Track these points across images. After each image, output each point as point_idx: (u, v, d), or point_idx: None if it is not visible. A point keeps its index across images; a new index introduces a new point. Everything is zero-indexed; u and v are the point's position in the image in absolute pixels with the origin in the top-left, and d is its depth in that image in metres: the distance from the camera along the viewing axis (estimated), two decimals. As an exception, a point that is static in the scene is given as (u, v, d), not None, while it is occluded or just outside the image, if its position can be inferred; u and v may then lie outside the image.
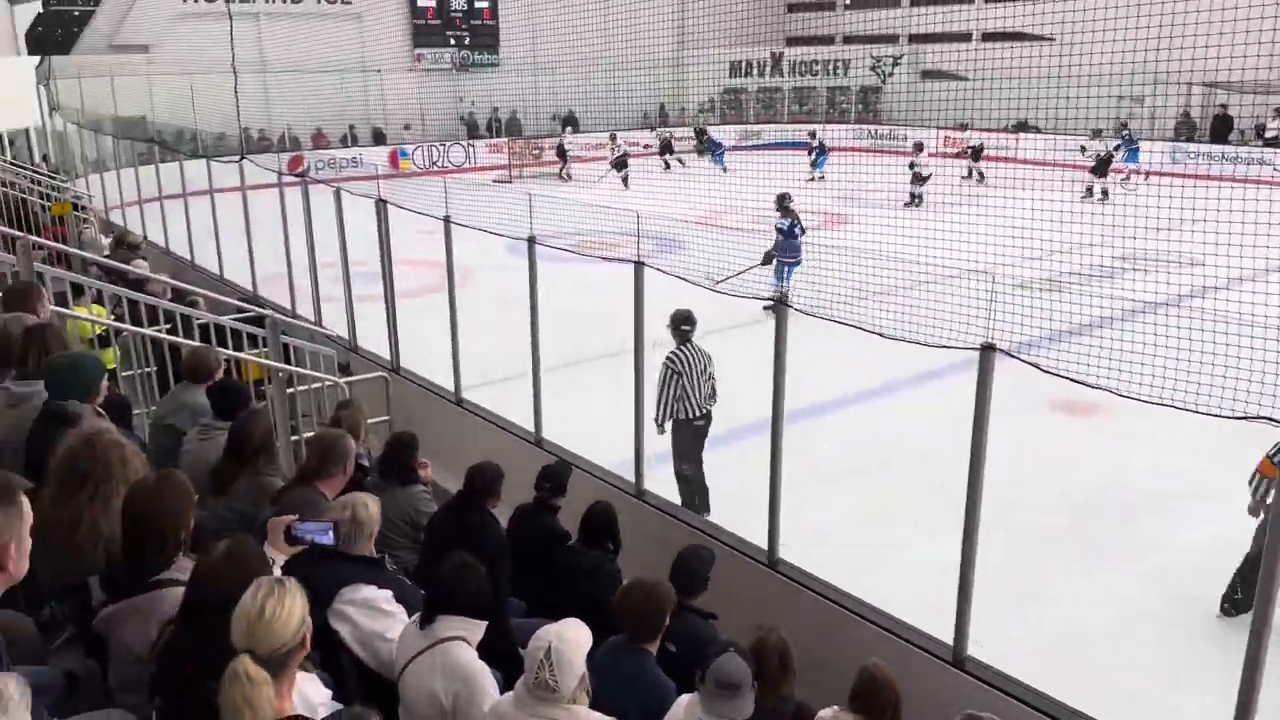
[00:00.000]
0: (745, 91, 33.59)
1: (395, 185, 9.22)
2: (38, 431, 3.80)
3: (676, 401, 7.11)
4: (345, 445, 4.26)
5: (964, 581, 4.60)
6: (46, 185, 13.40)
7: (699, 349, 7.18)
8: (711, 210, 12.17)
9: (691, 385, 7.09)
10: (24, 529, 2.01)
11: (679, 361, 7.11)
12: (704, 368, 7.16)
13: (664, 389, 7.10)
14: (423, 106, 28.30)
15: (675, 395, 7.09)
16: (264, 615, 2.30)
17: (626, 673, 3.66)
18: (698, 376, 7.11)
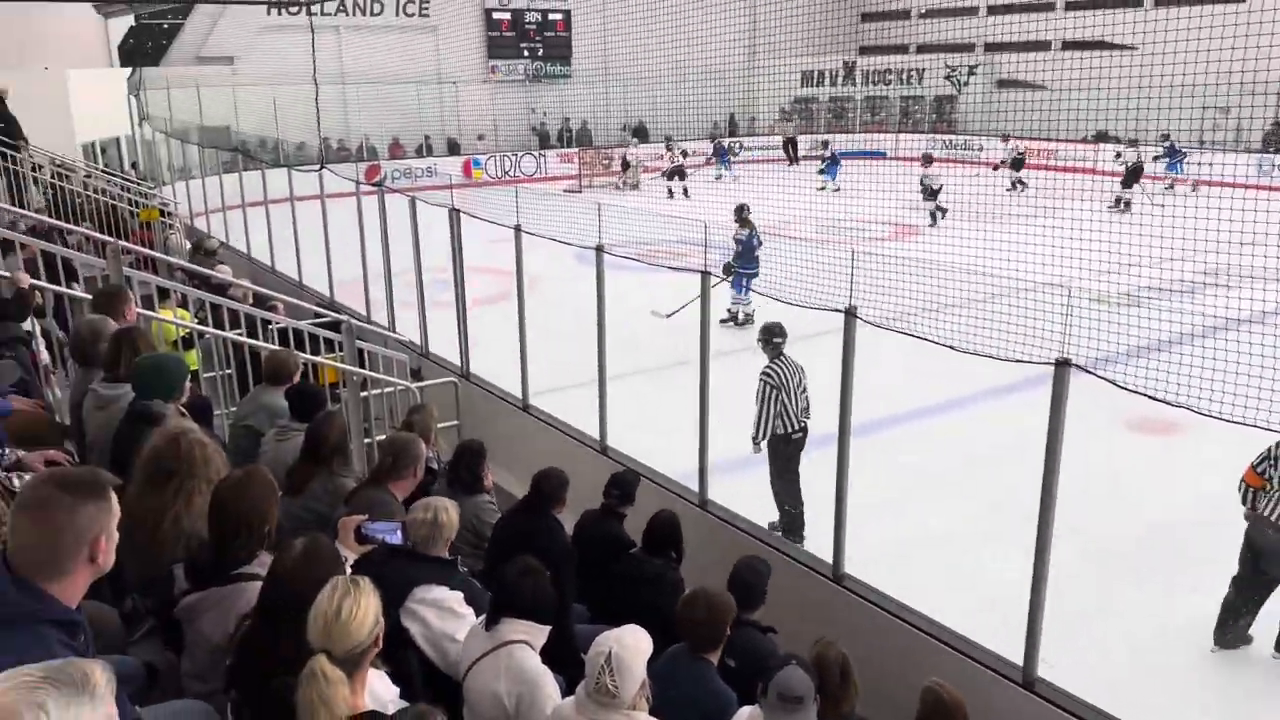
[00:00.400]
0: (816, 101, 33.38)
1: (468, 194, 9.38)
2: (124, 430, 3.96)
3: (776, 418, 6.92)
4: (417, 449, 4.35)
5: (1035, 601, 4.50)
6: (135, 192, 13.93)
7: (793, 361, 7.03)
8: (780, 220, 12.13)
9: (789, 398, 6.91)
10: (113, 524, 2.09)
11: (777, 375, 6.93)
12: (799, 380, 6.99)
13: (763, 404, 6.90)
14: (496, 117, 28.73)
15: (775, 410, 6.91)
16: (340, 616, 2.37)
17: (687, 682, 3.66)
18: (795, 390, 6.93)
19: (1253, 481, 5.62)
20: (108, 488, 2.10)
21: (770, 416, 6.91)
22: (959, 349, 4.92)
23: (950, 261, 6.69)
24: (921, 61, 32.03)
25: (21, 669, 1.51)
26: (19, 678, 1.48)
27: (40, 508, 1.99)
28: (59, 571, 2.00)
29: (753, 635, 4.24)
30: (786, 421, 6.91)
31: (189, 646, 3.07)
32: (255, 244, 14.05)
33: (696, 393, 6.38)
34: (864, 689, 3.73)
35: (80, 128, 17.71)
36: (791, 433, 6.93)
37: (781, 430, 6.93)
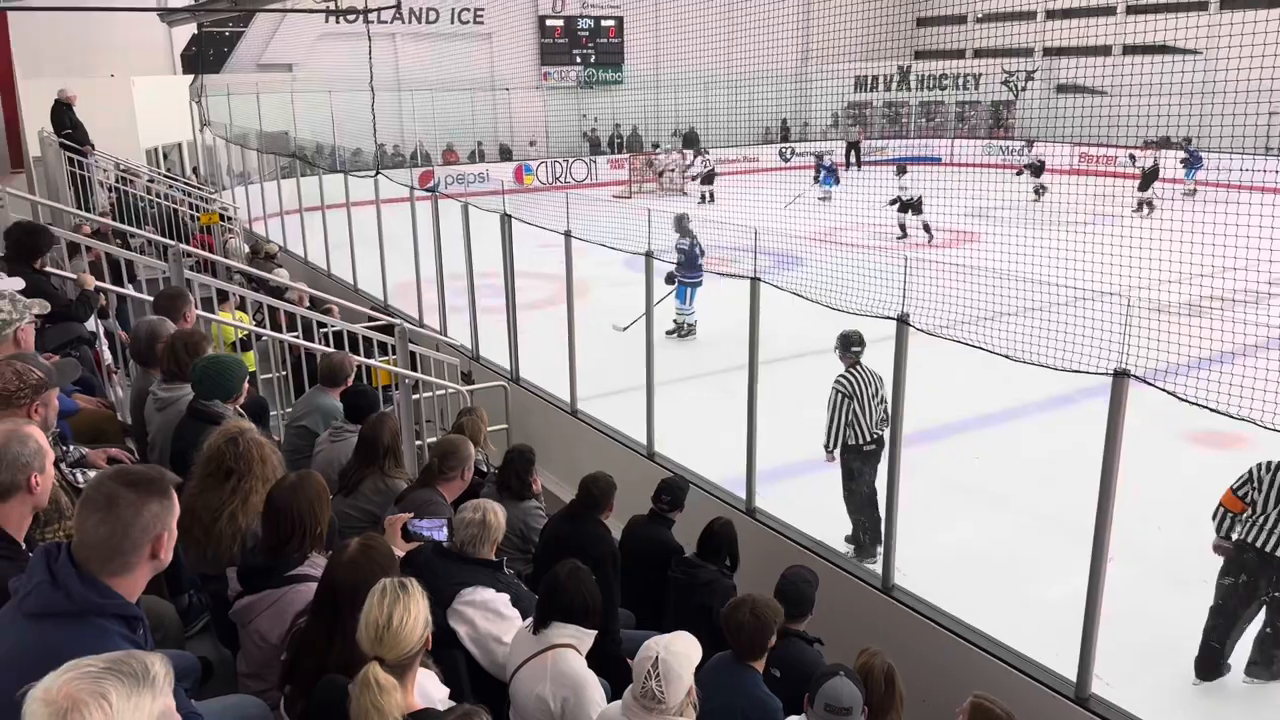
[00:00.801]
0: (870, 106, 33.11)
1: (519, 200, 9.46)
2: (184, 429, 4.06)
3: (848, 427, 6.77)
4: (466, 451, 4.39)
5: (1090, 616, 4.42)
6: (196, 197, 14.25)
7: (870, 370, 6.80)
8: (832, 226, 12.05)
9: (862, 408, 6.72)
10: (174, 521, 2.15)
11: (849, 384, 6.76)
12: (875, 390, 6.77)
13: (834, 413, 6.76)
14: (548, 123, 28.93)
15: (847, 420, 6.76)
16: (391, 624, 2.39)
17: (732, 688, 3.65)
18: (869, 399, 6.73)
19: (1232, 506, 5.25)
20: (170, 486, 2.16)
21: (841, 425, 6.75)
22: (1014, 358, 4.85)
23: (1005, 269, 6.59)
24: (978, 66, 31.60)
25: (84, 660, 1.55)
26: (82, 668, 1.53)
27: (107, 505, 2.04)
28: (123, 567, 2.06)
29: (799, 646, 4.21)
30: (858, 432, 6.74)
31: (244, 646, 3.14)
32: (311, 248, 14.30)
33: (744, 399, 6.37)
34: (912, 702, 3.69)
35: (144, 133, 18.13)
36: (863, 444, 6.75)
37: (853, 441, 6.77)
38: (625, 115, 30.02)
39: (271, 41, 25.61)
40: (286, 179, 16.01)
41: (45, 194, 12.12)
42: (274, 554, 3.09)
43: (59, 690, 1.49)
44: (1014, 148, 28.12)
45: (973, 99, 31.84)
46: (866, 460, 6.78)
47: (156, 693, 1.55)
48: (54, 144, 12.53)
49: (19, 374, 3.09)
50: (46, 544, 2.11)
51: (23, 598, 1.99)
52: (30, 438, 2.49)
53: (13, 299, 3.95)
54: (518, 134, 28.97)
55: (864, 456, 6.77)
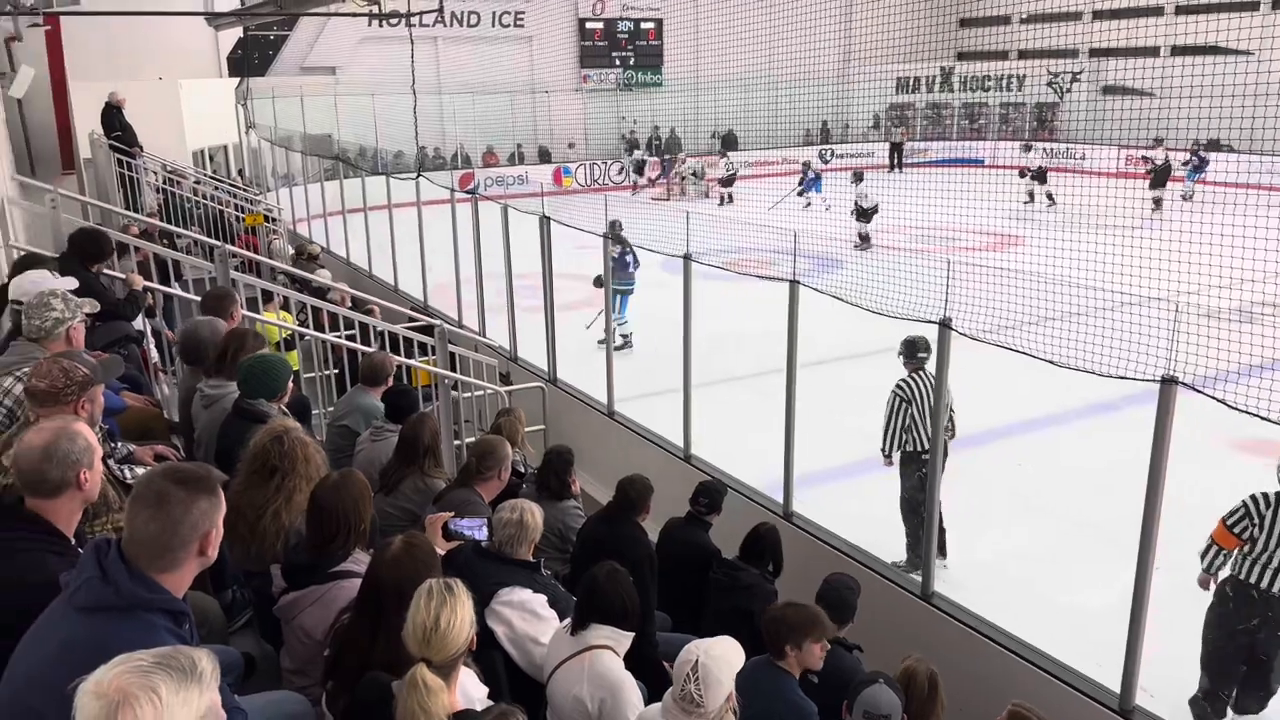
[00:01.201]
0: (912, 108, 32.83)
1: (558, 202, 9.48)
2: (229, 426, 4.13)
3: (905, 432, 6.64)
4: (503, 451, 4.42)
5: (1134, 626, 4.35)
6: (241, 198, 14.46)
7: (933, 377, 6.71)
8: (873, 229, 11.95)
9: (921, 415, 6.59)
10: (221, 518, 2.18)
11: (908, 389, 6.65)
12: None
13: (891, 418, 6.64)
14: (586, 125, 29.01)
15: (904, 425, 6.64)
16: (439, 626, 2.42)
17: (767, 692, 3.63)
18: (929, 406, 6.50)
19: (1225, 543, 4.88)
20: (218, 484, 2.19)
21: (898, 430, 6.63)
22: (1059, 364, 4.78)
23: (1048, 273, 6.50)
24: (1022, 68, 31.21)
25: (133, 654, 1.58)
26: (132, 662, 1.56)
27: (157, 503, 2.08)
28: (171, 563, 2.09)
29: (837, 653, 4.18)
30: (916, 438, 6.60)
31: (288, 643, 3.18)
32: (353, 249, 14.46)
33: (783, 402, 6.34)
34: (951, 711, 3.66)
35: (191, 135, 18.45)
36: (922, 451, 6.58)
37: (912, 447, 6.63)
38: (664, 117, 30.02)
39: (315, 45, 25.94)
40: (330, 181, 16.22)
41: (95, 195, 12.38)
42: (319, 551, 3.13)
43: (110, 683, 1.51)
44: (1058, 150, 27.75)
45: (1016, 101, 31.44)
46: (922, 467, 6.57)
47: (204, 687, 1.58)
48: (104, 146, 12.80)
49: (65, 371, 3.15)
50: (97, 539, 2.14)
51: (73, 592, 2.03)
52: (79, 435, 2.53)
53: (65, 298, 4.03)
54: (557, 136, 29.09)
55: (922, 464, 6.59)
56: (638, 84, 30.76)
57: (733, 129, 29.51)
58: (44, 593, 2.14)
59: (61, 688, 1.81)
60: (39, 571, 2.35)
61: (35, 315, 3.91)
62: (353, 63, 25.59)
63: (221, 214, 13.12)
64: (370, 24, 21.78)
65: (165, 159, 14.16)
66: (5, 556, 2.45)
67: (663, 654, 4.12)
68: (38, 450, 2.46)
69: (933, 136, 31.27)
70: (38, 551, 2.44)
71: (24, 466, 2.49)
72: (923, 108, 32.75)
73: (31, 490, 2.49)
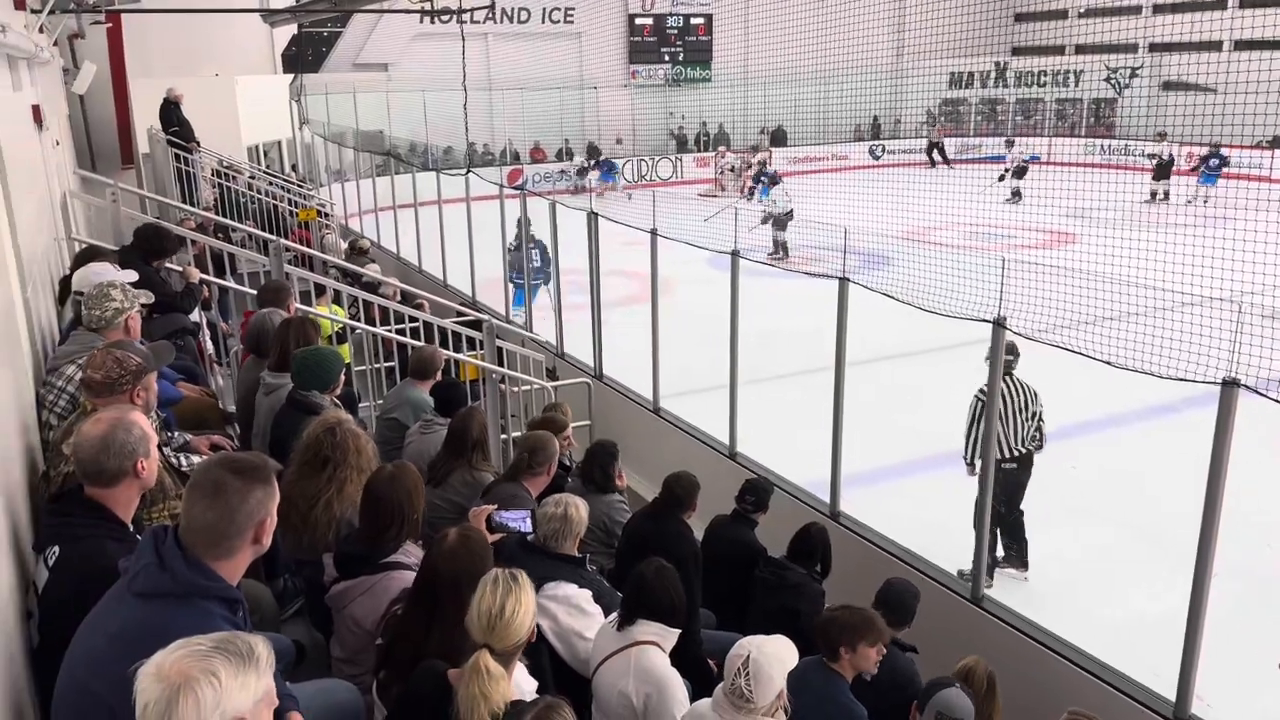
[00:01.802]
0: (965, 103, 32.36)
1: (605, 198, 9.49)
2: (283, 417, 4.19)
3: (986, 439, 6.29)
4: (553, 447, 4.44)
5: (1191, 632, 4.25)
6: (295, 193, 14.68)
7: (1020, 383, 6.45)
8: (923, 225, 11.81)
9: (1005, 423, 6.31)
10: (275, 507, 2.22)
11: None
12: (1024, 404, 6.39)
13: (973, 424, 6.36)
14: (635, 121, 29.02)
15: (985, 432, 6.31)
16: (504, 614, 2.46)
17: (818, 693, 3.61)
18: (1016, 413, 6.35)
19: None
20: (272, 473, 2.22)
21: (979, 437, 6.30)
22: (1116, 365, 4.68)
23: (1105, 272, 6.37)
24: (1079, 63, 30.59)
25: (191, 639, 1.61)
26: (192, 647, 1.59)
27: (214, 492, 2.11)
28: (227, 551, 2.13)
29: (894, 654, 4.19)
30: (999, 446, 6.29)
31: (339, 631, 3.23)
32: (404, 244, 14.61)
33: (830, 401, 6.28)
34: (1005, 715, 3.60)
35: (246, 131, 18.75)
36: (1003, 459, 6.34)
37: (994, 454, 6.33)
38: (713, 113, 29.92)
39: (368, 41, 26.26)
40: (381, 177, 16.40)
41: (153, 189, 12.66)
42: (372, 542, 3.17)
43: (171, 667, 1.54)
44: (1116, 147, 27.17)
45: (1072, 96, 30.84)
46: (1006, 478, 6.38)
47: (260, 672, 1.61)
48: (162, 141, 13.07)
49: (119, 361, 3.21)
50: (155, 527, 2.18)
51: (132, 578, 2.07)
52: (135, 425, 2.58)
53: (124, 289, 4.13)
54: (605, 132, 29.14)
55: (1004, 473, 6.36)
56: (686, 79, 30.69)
57: (782, 124, 29.33)
58: (103, 577, 2.19)
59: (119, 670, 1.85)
60: (98, 557, 2.40)
61: (95, 306, 4.00)
62: (405, 59, 25.88)
63: (276, 209, 13.32)
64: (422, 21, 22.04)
65: (221, 154, 14.42)
66: (66, 542, 2.52)
67: (707, 651, 4.11)
68: (95, 441, 2.51)
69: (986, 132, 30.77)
70: (97, 538, 2.50)
71: (83, 457, 2.55)
72: (976, 103, 32.25)
73: (90, 479, 2.55)
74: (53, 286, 6.00)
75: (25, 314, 4.39)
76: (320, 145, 19.56)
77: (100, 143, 12.74)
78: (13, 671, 2.39)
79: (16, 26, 4.43)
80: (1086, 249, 8.00)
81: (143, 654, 1.62)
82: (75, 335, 4.12)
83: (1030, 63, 31.56)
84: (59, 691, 2.08)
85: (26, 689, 2.49)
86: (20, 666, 2.48)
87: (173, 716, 1.51)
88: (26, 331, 4.33)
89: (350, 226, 16.18)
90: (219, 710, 1.54)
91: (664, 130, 30.18)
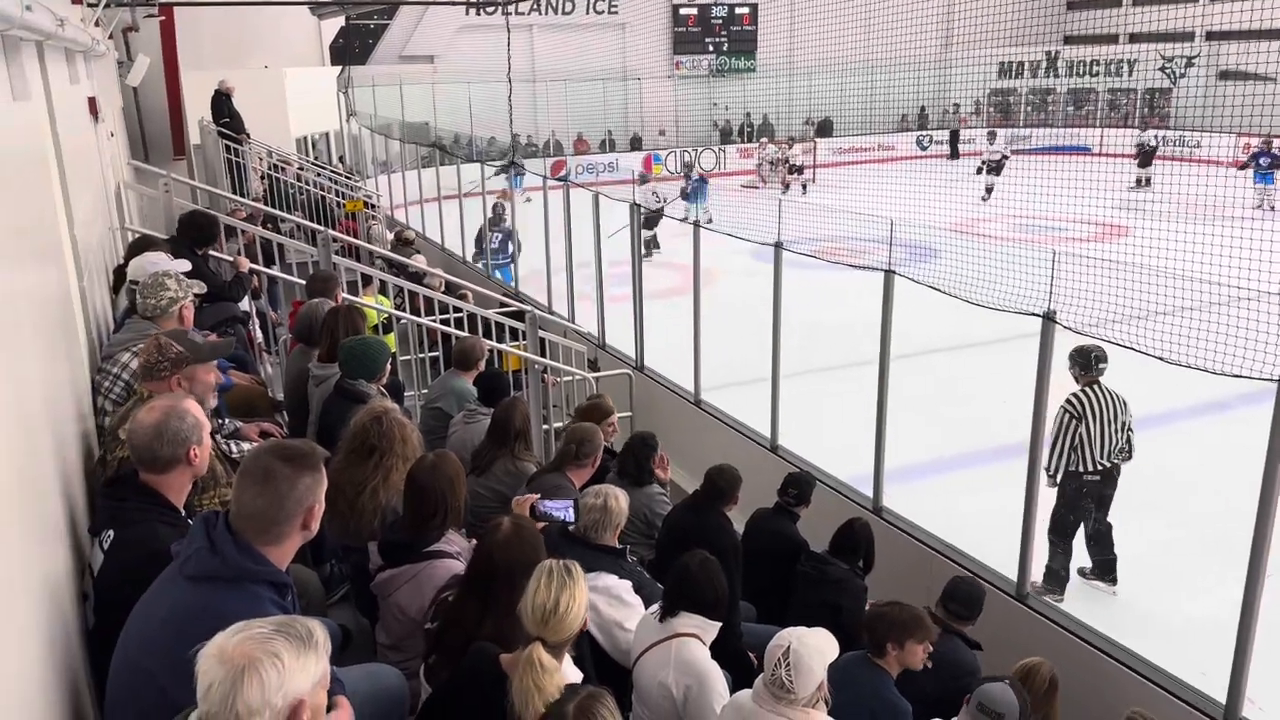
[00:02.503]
0: (1014, 93, 31.82)
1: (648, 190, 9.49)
2: (330, 405, 4.26)
3: (1072, 451, 6.12)
4: (599, 439, 4.46)
5: (1243, 633, 4.16)
6: (342, 184, 14.85)
7: (1110, 392, 6.16)
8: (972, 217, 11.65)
9: (1090, 433, 6.06)
10: (323, 494, 2.25)
11: (1080, 404, 6.08)
12: (1114, 415, 6.08)
13: (1060, 435, 6.07)
14: (678, 112, 28.94)
15: (1072, 444, 6.11)
16: (558, 608, 2.48)
17: (863, 688, 3.61)
18: (1105, 424, 6.06)
19: None
20: (321, 461, 2.26)
21: (1065, 448, 6.09)
22: (1169, 360, 4.58)
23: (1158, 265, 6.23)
24: (1133, 52, 29.92)
25: (251, 622, 1.65)
26: (253, 629, 1.62)
27: (264, 479, 2.15)
28: (276, 537, 2.17)
29: (958, 646, 4.23)
30: (1083, 457, 6.08)
31: (384, 619, 3.28)
32: (448, 235, 14.72)
33: (874, 394, 6.23)
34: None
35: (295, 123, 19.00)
36: (1086, 472, 6.10)
37: (1074, 466, 6.12)
38: (757, 104, 29.73)
39: (414, 34, 26.46)
40: (426, 168, 16.53)
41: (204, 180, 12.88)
42: (416, 530, 3.21)
43: (234, 649, 1.58)
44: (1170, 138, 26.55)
45: (1126, 86, 30.18)
46: (1089, 491, 6.17)
47: (319, 656, 1.64)
48: (213, 132, 13.29)
49: (160, 348, 3.27)
50: (206, 512, 2.23)
51: (183, 561, 2.11)
52: (188, 413, 2.64)
53: (178, 279, 4.19)
54: (648, 123, 29.09)
55: (1086, 486, 6.15)
56: (730, 70, 30.51)
57: (829, 115, 29.06)
58: (155, 560, 2.24)
59: (171, 651, 1.90)
60: (151, 541, 2.46)
61: (150, 295, 4.07)
62: (450, 51, 26.03)
63: (323, 199, 13.49)
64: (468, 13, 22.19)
65: (270, 145, 14.61)
66: (121, 526, 2.58)
67: (747, 644, 4.11)
68: (150, 428, 2.57)
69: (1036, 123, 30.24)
70: (150, 522, 2.56)
71: (137, 443, 2.61)
72: (1026, 93, 31.70)
73: (145, 465, 2.61)
74: (107, 276, 6.13)
75: (81, 303, 4.48)
76: (367, 137, 19.76)
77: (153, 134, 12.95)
78: (70, 652, 2.45)
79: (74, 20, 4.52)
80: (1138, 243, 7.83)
81: (193, 635, 1.66)
82: (130, 323, 4.21)
83: (1082, 51, 30.93)
84: (114, 671, 2.14)
85: (83, 669, 2.55)
86: (77, 647, 2.55)
87: (237, 697, 1.54)
88: (83, 320, 4.43)
89: (396, 218, 16.34)
90: (282, 691, 1.57)
91: (708, 121, 30.05)
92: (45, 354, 3.07)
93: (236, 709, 1.54)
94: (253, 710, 1.54)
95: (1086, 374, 6.17)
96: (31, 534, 2.37)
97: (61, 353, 3.48)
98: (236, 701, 1.54)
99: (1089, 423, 6.06)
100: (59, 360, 3.37)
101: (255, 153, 13.78)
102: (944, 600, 4.40)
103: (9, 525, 2.12)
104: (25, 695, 1.97)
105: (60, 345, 3.48)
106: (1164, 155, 24.06)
